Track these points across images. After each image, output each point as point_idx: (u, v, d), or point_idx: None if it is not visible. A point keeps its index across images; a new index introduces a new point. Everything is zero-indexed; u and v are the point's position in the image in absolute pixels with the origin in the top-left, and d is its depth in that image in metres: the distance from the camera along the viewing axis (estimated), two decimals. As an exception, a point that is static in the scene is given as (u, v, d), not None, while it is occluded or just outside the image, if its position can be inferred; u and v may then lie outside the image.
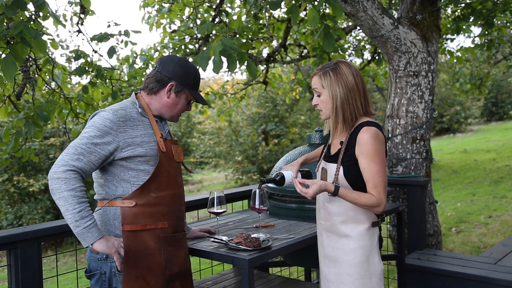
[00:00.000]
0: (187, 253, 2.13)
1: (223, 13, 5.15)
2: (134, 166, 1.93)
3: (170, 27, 6.04)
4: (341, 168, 2.04)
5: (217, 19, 5.08)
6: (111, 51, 4.30)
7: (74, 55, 4.26)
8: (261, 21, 5.62)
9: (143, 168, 1.94)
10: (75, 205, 1.79)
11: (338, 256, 2.10)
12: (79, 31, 4.41)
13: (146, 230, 1.94)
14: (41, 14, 3.27)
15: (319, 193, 2.04)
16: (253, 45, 5.54)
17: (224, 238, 2.31)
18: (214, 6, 5.61)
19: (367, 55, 8.31)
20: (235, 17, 5.35)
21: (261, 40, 5.84)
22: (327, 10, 4.01)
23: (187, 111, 2.14)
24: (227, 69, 4.15)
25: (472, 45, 7.52)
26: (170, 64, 2.04)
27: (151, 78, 2.05)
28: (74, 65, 7.72)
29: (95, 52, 4.49)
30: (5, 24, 2.96)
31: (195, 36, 5.60)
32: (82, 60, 4.29)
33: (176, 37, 5.75)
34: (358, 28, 6.69)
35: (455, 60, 6.74)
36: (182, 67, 2.05)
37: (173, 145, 2.06)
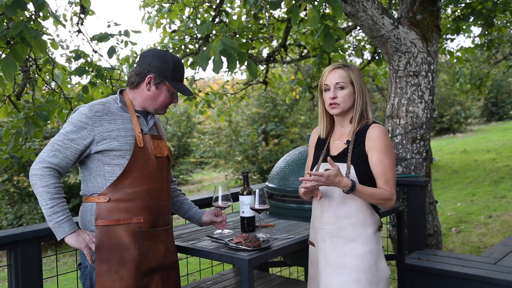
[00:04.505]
0: (169, 248, 2.12)
1: (223, 13, 5.14)
2: (109, 160, 1.96)
3: (170, 27, 6.04)
4: (352, 167, 2.02)
5: (217, 19, 5.07)
6: (111, 51, 4.30)
7: (74, 55, 4.25)
8: (261, 21, 5.61)
9: (118, 163, 1.97)
10: (47, 201, 1.87)
11: (344, 262, 2.03)
12: (79, 31, 4.40)
13: (120, 225, 1.96)
14: (41, 14, 3.27)
15: (332, 182, 1.88)
16: (253, 45, 5.54)
17: (226, 230, 2.45)
18: (214, 6, 5.61)
19: (367, 55, 8.30)
20: (235, 17, 5.35)
21: (261, 40, 5.84)
22: (327, 10, 4.00)
23: (174, 103, 2.14)
24: (227, 69, 4.15)
25: (472, 45, 7.51)
26: (148, 57, 2.06)
27: (132, 72, 2.09)
28: (74, 65, 7.70)
29: (95, 52, 4.48)
30: (5, 24, 2.95)
31: (195, 36, 5.61)
32: (82, 60, 4.28)
33: (176, 37, 5.76)
34: (358, 28, 6.69)
35: (455, 60, 6.73)
36: (160, 59, 2.05)
37: (153, 140, 2.07)
